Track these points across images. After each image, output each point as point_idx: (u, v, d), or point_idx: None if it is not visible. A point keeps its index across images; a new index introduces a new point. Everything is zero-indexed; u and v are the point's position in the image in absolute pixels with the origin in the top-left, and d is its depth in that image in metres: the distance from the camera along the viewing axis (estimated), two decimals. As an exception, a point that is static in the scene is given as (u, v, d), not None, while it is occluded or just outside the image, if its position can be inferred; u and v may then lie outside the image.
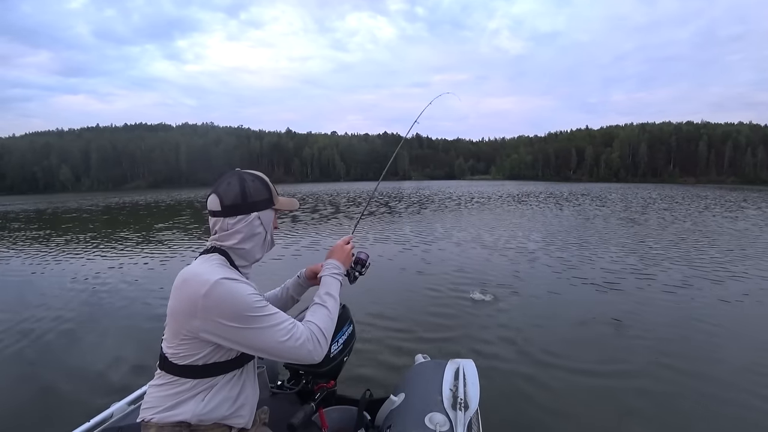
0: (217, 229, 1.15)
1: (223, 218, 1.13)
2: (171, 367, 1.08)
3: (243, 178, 1.15)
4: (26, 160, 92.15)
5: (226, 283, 1.02)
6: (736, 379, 3.19)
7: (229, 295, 1.01)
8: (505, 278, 6.20)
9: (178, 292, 1.06)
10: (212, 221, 1.15)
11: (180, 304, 1.05)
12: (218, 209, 1.12)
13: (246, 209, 1.13)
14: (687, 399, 2.96)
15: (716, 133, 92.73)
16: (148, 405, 1.12)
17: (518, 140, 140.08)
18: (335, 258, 1.38)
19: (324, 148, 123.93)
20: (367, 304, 4.89)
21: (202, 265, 1.09)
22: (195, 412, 1.06)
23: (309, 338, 1.06)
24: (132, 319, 4.77)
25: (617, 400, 2.94)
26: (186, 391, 1.07)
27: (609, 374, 3.32)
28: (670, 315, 4.62)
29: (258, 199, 1.15)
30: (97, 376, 3.38)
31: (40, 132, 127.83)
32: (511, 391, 3.06)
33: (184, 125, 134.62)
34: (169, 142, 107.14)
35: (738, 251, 8.15)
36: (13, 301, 5.70)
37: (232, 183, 1.13)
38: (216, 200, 1.12)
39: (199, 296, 1.00)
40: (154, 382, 1.15)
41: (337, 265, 1.36)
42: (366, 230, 11.67)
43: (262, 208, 1.16)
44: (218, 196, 1.12)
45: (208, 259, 1.12)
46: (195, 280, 1.04)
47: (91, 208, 26.60)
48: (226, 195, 1.12)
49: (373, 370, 3.32)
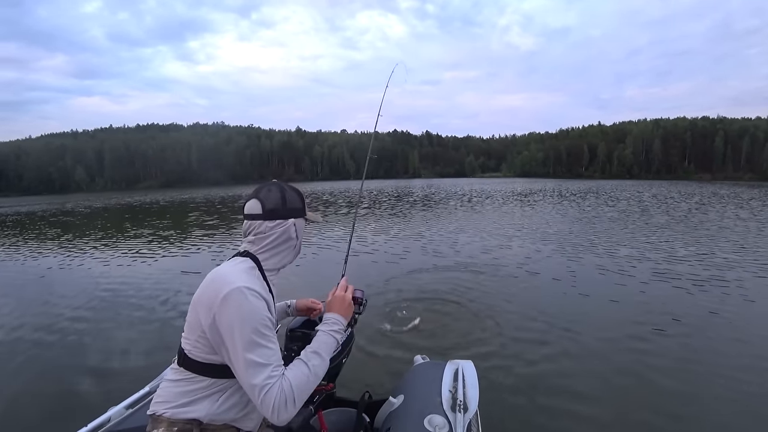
0: (253, 232, 1.20)
1: (262, 221, 1.19)
2: (191, 364, 1.10)
3: (282, 187, 1.24)
4: (42, 161, 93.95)
5: (247, 293, 1.04)
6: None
7: (242, 307, 1.03)
8: (506, 278, 6.16)
9: (203, 289, 1.10)
10: (248, 225, 1.20)
11: (201, 300, 1.08)
12: (259, 212, 1.19)
13: (285, 214, 1.21)
14: (690, 405, 2.89)
15: (733, 128, 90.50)
16: (161, 399, 1.13)
17: (529, 137, 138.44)
18: (336, 311, 1.28)
19: (334, 146, 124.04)
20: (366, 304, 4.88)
21: (233, 268, 1.13)
22: (209, 412, 1.07)
23: (278, 402, 1.00)
24: (143, 321, 4.83)
25: (617, 401, 2.92)
26: (201, 390, 1.09)
27: (609, 374, 3.28)
28: (684, 319, 4.53)
29: (295, 207, 1.24)
30: (99, 379, 3.41)
31: (55, 134, 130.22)
32: (510, 392, 3.04)
33: (195, 125, 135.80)
34: (181, 141, 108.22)
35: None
36: (30, 300, 5.82)
37: (272, 190, 1.22)
38: (257, 204, 1.19)
39: (219, 297, 1.04)
40: (170, 377, 1.16)
41: (338, 320, 1.26)
42: (365, 230, 11.67)
43: (297, 215, 1.24)
44: (260, 200, 1.19)
45: (240, 263, 1.16)
46: (221, 281, 1.08)
47: (112, 206, 27.05)
48: (268, 200, 1.19)
49: (372, 372, 3.32)
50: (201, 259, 8.31)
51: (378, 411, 1.64)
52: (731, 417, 2.72)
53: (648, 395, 2.98)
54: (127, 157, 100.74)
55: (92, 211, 23.81)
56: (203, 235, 11.73)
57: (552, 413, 2.79)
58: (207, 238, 11.25)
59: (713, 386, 3.09)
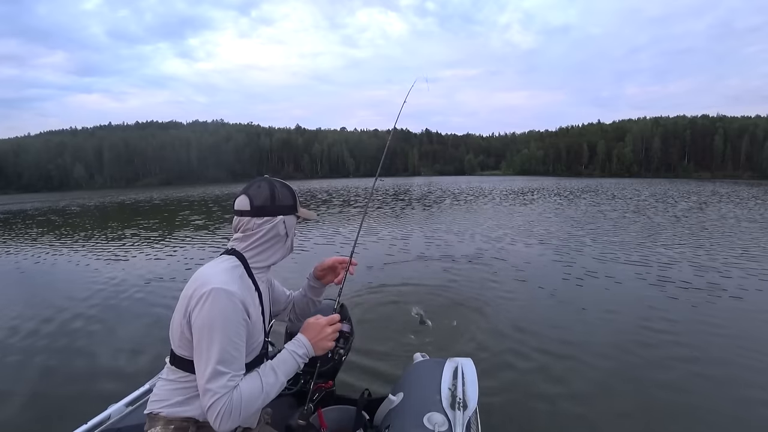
0: (242, 229, 1.20)
1: (250, 218, 1.18)
2: (180, 362, 1.11)
3: (272, 183, 1.22)
4: (41, 158, 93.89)
5: (222, 295, 1.03)
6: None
7: (213, 309, 1.02)
8: (505, 277, 6.15)
9: (185, 287, 1.11)
10: (237, 221, 1.20)
11: (182, 298, 1.10)
12: (247, 209, 1.18)
13: (273, 211, 1.20)
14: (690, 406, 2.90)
15: (733, 127, 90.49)
16: (157, 398, 1.13)
17: (529, 135, 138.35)
18: (307, 336, 1.20)
19: (333, 144, 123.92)
20: (364, 302, 4.90)
21: (214, 267, 1.13)
22: (204, 410, 1.06)
23: (223, 411, 0.99)
24: (143, 318, 4.82)
25: (618, 401, 2.91)
26: (195, 389, 1.07)
27: (609, 374, 3.28)
28: (684, 320, 4.53)
29: (285, 204, 1.22)
30: (99, 377, 3.40)
31: (54, 131, 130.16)
32: (510, 390, 3.04)
33: (194, 122, 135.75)
34: (180, 139, 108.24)
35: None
36: (29, 297, 5.83)
37: (262, 186, 1.20)
38: (246, 200, 1.18)
39: (195, 297, 1.05)
40: (165, 376, 1.16)
41: (304, 345, 1.18)
42: (364, 227, 11.67)
43: (287, 213, 1.23)
44: (249, 196, 1.18)
45: (222, 262, 1.15)
46: (200, 280, 1.08)
47: (106, 204, 27.02)
48: (257, 196, 1.18)
49: (372, 369, 3.31)
50: (203, 255, 8.30)
51: (377, 409, 1.64)
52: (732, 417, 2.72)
53: (648, 395, 2.97)
54: (126, 154, 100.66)
55: (83, 209, 23.80)
56: (205, 233, 11.72)
57: (551, 411, 2.79)
58: (209, 235, 11.25)
59: (713, 386, 3.09)
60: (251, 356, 1.14)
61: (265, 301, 1.25)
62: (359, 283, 5.57)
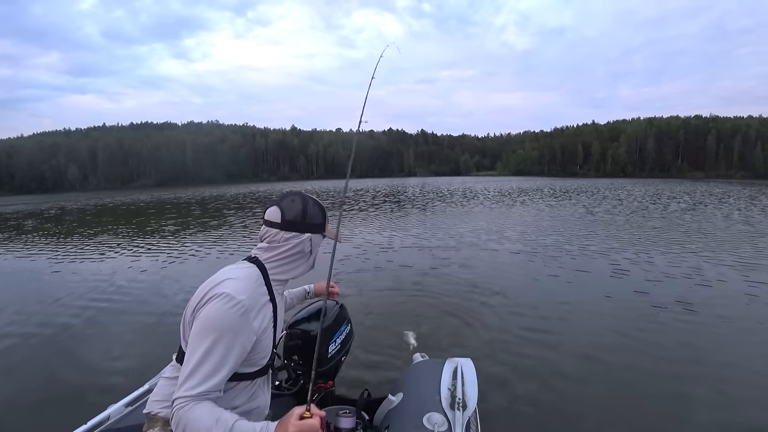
0: (268, 239, 1.18)
1: (279, 230, 1.17)
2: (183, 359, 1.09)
3: (306, 199, 1.22)
4: (34, 159, 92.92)
5: (229, 302, 1.01)
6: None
7: (217, 313, 1.00)
8: (505, 277, 6.18)
9: (202, 285, 1.10)
10: (265, 230, 1.20)
11: (196, 294, 1.09)
12: (278, 221, 1.17)
13: (303, 228, 1.19)
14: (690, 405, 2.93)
15: (725, 127, 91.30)
16: (157, 398, 1.11)
17: (524, 135, 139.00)
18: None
19: (329, 144, 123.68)
20: (364, 303, 4.90)
21: (233, 272, 1.11)
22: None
23: (179, 420, 0.94)
24: (143, 319, 4.80)
25: (618, 401, 2.92)
26: None
27: (609, 374, 3.29)
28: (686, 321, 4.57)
29: (315, 222, 1.22)
30: (98, 377, 3.40)
31: (48, 132, 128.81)
32: (509, 390, 3.05)
33: (190, 123, 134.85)
34: (175, 140, 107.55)
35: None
36: (30, 298, 5.78)
37: (295, 201, 1.20)
38: (278, 212, 1.18)
39: (205, 296, 1.04)
40: (167, 375, 1.14)
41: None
42: (363, 228, 11.67)
43: (315, 231, 1.22)
44: (281, 209, 1.18)
45: (243, 268, 1.14)
46: (215, 280, 1.08)
47: (96, 206, 26.82)
48: (289, 210, 1.18)
49: (371, 369, 3.32)
50: (206, 259, 8.28)
51: (377, 409, 1.64)
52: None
53: (648, 394, 2.99)
54: (120, 155, 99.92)
55: (63, 212, 23.62)
56: (211, 236, 11.68)
57: (551, 411, 2.80)
58: (216, 239, 11.21)
59: (712, 386, 3.11)
60: (257, 367, 1.12)
61: (279, 314, 1.22)
62: (359, 283, 5.59)
